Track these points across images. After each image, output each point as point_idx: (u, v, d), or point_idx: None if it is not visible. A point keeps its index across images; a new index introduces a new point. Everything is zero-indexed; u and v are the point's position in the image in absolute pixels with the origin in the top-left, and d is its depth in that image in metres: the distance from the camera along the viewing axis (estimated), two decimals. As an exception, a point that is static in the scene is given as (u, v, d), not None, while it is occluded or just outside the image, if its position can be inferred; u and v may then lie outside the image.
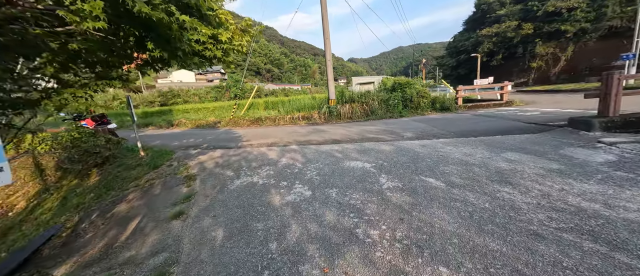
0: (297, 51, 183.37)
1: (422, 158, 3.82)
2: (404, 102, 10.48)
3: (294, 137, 6.91)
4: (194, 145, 6.92)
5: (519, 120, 6.60)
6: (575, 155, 3.38)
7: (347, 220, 2.26)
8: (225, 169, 4.25)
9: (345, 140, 5.75)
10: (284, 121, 11.23)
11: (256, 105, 14.46)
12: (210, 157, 5.23)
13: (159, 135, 10.20)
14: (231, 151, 5.59)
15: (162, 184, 3.97)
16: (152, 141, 8.37)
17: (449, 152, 4.04)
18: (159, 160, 5.17)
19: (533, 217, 2.02)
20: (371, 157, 4.14)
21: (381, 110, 10.36)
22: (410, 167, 3.48)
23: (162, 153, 5.71)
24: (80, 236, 2.90)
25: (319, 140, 6.03)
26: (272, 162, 4.41)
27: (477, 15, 38.80)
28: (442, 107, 10.41)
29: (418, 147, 4.49)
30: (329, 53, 10.58)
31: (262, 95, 48.23)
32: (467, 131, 5.68)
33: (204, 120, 13.14)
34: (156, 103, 42.78)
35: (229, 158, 4.97)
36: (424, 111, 10.22)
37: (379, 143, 5.08)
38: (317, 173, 3.58)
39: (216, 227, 2.42)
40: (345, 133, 6.74)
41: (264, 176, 3.71)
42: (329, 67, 10.70)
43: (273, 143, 6.18)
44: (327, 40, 10.49)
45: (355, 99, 10.79)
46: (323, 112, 10.73)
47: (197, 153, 5.71)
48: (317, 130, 8.02)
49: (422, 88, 10.79)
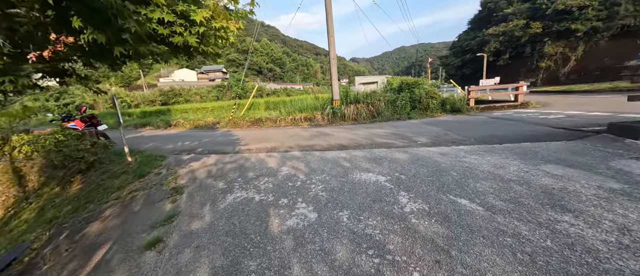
0: (299, 50, 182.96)
1: (445, 170, 3.28)
2: (412, 103, 9.91)
3: (296, 140, 6.39)
4: (188, 148, 6.43)
5: (543, 124, 6.02)
6: (633, 169, 2.82)
7: (366, 261, 1.73)
8: (218, 180, 3.74)
9: (353, 146, 5.22)
10: (285, 122, 10.73)
11: (257, 105, 13.97)
12: (203, 164, 4.73)
13: (155, 137, 9.73)
14: (227, 157, 5.08)
15: (144, 198, 3.47)
16: (146, 143, 7.91)
17: (475, 162, 3.49)
18: (147, 167, 4.68)
19: (622, 267, 1.48)
20: (385, 167, 3.61)
21: (388, 111, 9.81)
22: (433, 182, 2.94)
23: (151, 159, 5.22)
24: (38, 266, 2.41)
25: (324, 146, 5.51)
26: (271, 171, 3.89)
27: (483, 13, 38.01)
28: (453, 109, 9.83)
29: (437, 156, 3.94)
30: (333, 51, 10.05)
31: (263, 95, 47.83)
32: (487, 136, 5.12)
33: (203, 121, 12.67)
34: (157, 102, 42.56)
35: (224, 165, 4.46)
36: (434, 113, 9.64)
37: (392, 151, 4.54)
38: (323, 188, 3.06)
39: (197, 265, 1.90)
40: (352, 138, 6.21)
41: (261, 190, 3.19)
42: (332, 66, 10.17)
43: (273, 148, 5.67)
44: (332, 37, 9.96)
45: (361, 100, 10.25)
46: (326, 113, 10.21)
47: (190, 159, 5.21)
48: (320, 133, 7.49)
49: (431, 89, 10.22)
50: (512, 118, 7.28)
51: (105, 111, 24.12)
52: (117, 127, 5.20)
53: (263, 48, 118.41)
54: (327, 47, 10.06)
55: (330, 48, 10.04)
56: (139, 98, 42.99)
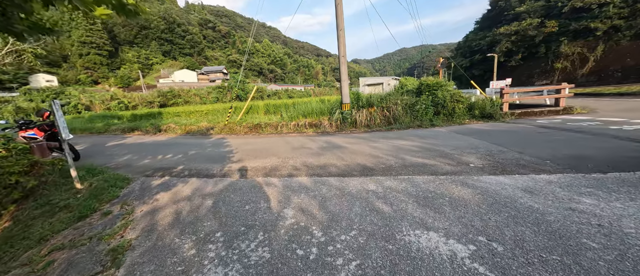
0: (301, 52, 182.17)
1: (566, 234, 1.91)
2: (435, 108, 8.55)
3: (303, 156, 5.04)
4: (165, 166, 5.10)
5: (629, 138, 4.63)
6: None
7: None
8: (186, 236, 2.40)
9: (380, 169, 3.86)
10: (287, 128, 9.39)
11: (255, 109, 12.65)
12: (175, 196, 3.39)
13: (137, 146, 8.43)
14: (209, 184, 3.74)
15: (65, 265, 2.14)
16: (121, 156, 6.59)
17: (607, 216, 2.12)
18: (98, 200, 3.36)
19: None
20: (450, 218, 2.25)
21: (407, 117, 8.45)
22: (567, 267, 1.58)
23: (110, 184, 3.89)
24: None
25: (340, 167, 4.15)
26: (269, 219, 2.55)
27: (492, 12, 36.61)
28: (483, 114, 8.45)
29: (524, 196, 2.58)
30: (343, 47, 8.71)
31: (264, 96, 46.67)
32: (566, 157, 3.75)
33: (196, 126, 11.36)
34: (156, 104, 41.45)
35: (202, 202, 3.12)
36: (462, 119, 8.27)
37: (441, 180, 3.18)
38: (358, 268, 1.71)
39: None
40: (373, 153, 4.85)
41: (250, 265, 1.85)
42: (342, 64, 8.84)
43: (273, 168, 4.32)
44: (341, 32, 8.63)
45: (374, 103, 8.91)
46: (335, 119, 8.86)
47: (161, 185, 3.87)
48: (331, 144, 6.14)
49: (456, 91, 8.86)
50: (570, 128, 5.89)
51: (103, 113, 22.93)
52: (116, 129, 3.88)
53: (264, 49, 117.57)
54: (337, 43, 8.73)
55: (340, 44, 8.71)
56: (137, 99, 41.92)
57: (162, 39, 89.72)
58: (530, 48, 29.59)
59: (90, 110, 34.57)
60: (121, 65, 75.11)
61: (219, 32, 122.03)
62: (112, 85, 61.54)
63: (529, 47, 29.53)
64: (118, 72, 70.83)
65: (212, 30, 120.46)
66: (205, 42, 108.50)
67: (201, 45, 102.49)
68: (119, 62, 76.03)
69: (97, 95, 39.74)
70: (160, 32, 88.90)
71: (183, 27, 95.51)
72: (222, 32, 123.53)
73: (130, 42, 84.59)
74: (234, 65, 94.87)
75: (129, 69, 72.83)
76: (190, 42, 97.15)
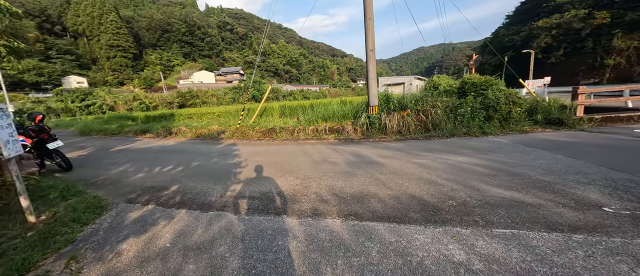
0: (316, 52, 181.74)
1: None
2: (485, 111, 6.99)
3: (329, 176, 3.83)
4: (158, 184, 4.11)
5: None
6: None
7: None
8: None
9: (450, 206, 2.55)
10: (305, 134, 8.25)
11: (270, 111, 11.65)
12: (147, 247, 2.31)
13: (141, 152, 7.68)
14: (200, 224, 2.63)
15: None
16: (118, 164, 5.77)
17: None
18: (44, 245, 2.37)
19: None
20: None
21: (449, 122, 6.98)
22: None
23: (73, 218, 2.91)
24: None
25: (385, 199, 2.88)
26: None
27: (527, 5, 33.31)
28: (549, 120, 6.76)
29: None
30: (371, 39, 7.41)
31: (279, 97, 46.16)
32: None
33: (206, 129, 10.56)
34: (175, 104, 42.39)
35: (183, 262, 2.00)
36: (521, 126, 6.64)
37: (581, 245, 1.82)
38: None
39: None
40: (426, 175, 3.53)
41: None
42: (370, 59, 7.53)
43: (290, 197, 3.15)
44: (370, 21, 7.33)
45: (408, 106, 7.51)
46: (361, 124, 7.58)
47: (137, 223, 2.83)
48: (361, 157, 4.88)
49: (512, 91, 7.22)
50: None
51: (119, 114, 23.23)
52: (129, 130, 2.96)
53: (280, 50, 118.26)
54: (364, 34, 7.44)
55: (368, 35, 7.41)
56: (158, 99, 43.15)
57: (182, 42, 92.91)
58: (574, 43, 26.34)
59: (114, 110, 35.87)
60: (145, 67, 78.55)
61: (236, 34, 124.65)
62: (136, 87, 64.34)
63: (573, 42, 26.30)
64: (142, 73, 74.04)
65: (230, 32, 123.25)
66: (223, 44, 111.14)
67: (219, 46, 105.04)
68: (142, 64, 79.57)
69: (121, 95, 41.34)
70: (181, 34, 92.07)
71: (203, 30, 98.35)
72: (239, 34, 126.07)
73: (153, 44, 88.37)
74: (251, 66, 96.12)
75: (152, 71, 75.94)
76: (209, 44, 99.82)
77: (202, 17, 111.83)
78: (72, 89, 41.82)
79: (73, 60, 66.11)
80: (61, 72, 59.61)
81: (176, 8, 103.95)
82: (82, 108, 35.21)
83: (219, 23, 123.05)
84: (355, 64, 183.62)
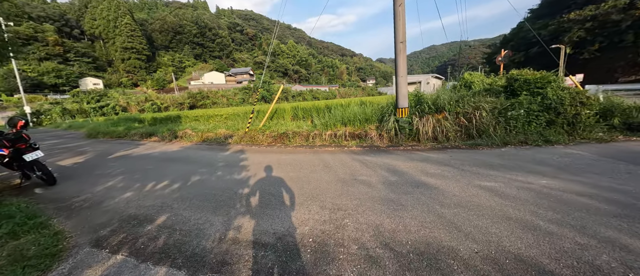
0: (325, 52, 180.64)
1: None
2: (545, 114, 5.71)
3: (366, 208, 2.78)
4: (144, 212, 3.20)
5: None
6: None
7: None
8: None
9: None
10: (321, 140, 7.23)
11: (281, 112, 10.71)
12: None
13: (141, 159, 6.90)
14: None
15: None
16: (110, 177, 4.95)
17: None
18: None
19: None
20: None
21: (499, 128, 5.76)
22: None
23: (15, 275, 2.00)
24: None
25: (474, 262, 1.80)
26: None
27: (555, -3, 30.90)
28: (630, 126, 5.41)
29: None
30: (402, 28, 6.27)
31: (289, 97, 45.40)
32: None
33: (213, 132, 9.75)
34: (185, 105, 42.47)
35: None
36: (594, 133, 5.33)
37: None
38: None
39: None
40: (511, 212, 2.42)
41: None
42: (400, 53, 6.40)
43: (320, 244, 2.13)
44: (400, 8, 6.19)
45: (445, 108, 6.33)
46: (388, 129, 6.47)
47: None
48: (401, 176, 3.79)
49: (581, 89, 5.91)
50: None
51: (127, 115, 23.05)
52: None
53: (289, 50, 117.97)
54: (393, 21, 6.32)
55: (397, 25, 6.28)
56: (169, 100, 43.41)
57: (194, 43, 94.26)
58: (612, 36, 23.97)
59: (127, 111, 36.23)
60: (157, 68, 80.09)
61: (246, 35, 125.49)
62: (149, 88, 65.54)
63: (610, 35, 23.93)
64: (154, 75, 75.46)
65: (240, 34, 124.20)
66: (234, 45, 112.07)
67: (230, 47, 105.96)
68: (155, 65, 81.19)
69: (134, 97, 41.83)
70: (193, 36, 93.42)
71: (213, 31, 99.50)
72: (249, 34, 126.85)
73: (165, 46, 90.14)
74: (260, 66, 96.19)
75: (164, 72, 77.29)
76: (220, 45, 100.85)
77: (213, 19, 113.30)
78: (88, 90, 42.77)
79: (90, 63, 68.24)
80: (78, 74, 61.51)
81: (188, 10, 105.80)
82: (95, 110, 35.75)
83: (230, 24, 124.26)
84: (364, 64, 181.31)
